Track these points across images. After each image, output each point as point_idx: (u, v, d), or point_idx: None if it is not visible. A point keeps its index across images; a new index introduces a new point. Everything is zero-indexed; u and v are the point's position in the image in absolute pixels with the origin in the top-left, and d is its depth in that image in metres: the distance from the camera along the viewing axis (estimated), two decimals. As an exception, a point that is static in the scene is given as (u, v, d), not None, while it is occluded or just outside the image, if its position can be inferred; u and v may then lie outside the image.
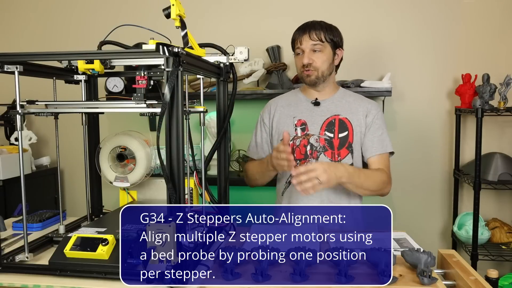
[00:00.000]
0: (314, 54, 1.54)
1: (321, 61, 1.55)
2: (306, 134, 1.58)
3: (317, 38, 1.53)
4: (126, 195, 1.70)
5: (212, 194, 1.47)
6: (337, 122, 1.57)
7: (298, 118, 1.61)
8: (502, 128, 2.40)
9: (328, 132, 1.56)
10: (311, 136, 1.57)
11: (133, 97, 1.18)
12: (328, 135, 1.56)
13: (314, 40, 1.53)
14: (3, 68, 1.15)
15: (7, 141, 2.69)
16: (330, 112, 1.59)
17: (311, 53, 1.54)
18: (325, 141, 1.56)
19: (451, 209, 2.45)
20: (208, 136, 2.41)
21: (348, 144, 1.56)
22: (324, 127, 1.57)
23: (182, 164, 1.06)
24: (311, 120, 1.59)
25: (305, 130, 1.59)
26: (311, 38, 1.53)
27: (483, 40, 2.38)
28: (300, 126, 1.60)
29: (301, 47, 1.55)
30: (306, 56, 1.54)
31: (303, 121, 1.60)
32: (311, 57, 1.54)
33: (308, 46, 1.54)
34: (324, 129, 1.57)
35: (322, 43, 1.54)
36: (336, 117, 1.58)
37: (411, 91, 2.46)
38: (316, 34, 1.53)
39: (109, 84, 2.35)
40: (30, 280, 1.11)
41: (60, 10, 2.76)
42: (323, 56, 1.55)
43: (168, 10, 1.17)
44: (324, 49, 1.55)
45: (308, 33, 1.54)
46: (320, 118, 1.59)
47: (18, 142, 1.18)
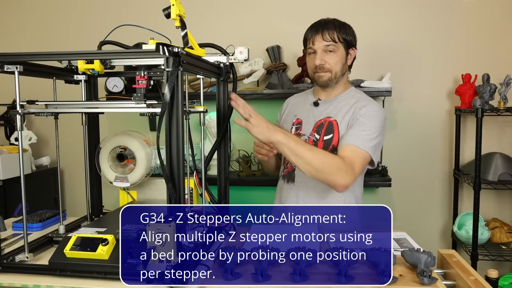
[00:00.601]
0: (326, 54, 1.51)
1: (334, 62, 1.52)
2: (298, 134, 1.58)
3: (330, 38, 1.50)
4: (126, 195, 1.70)
5: (212, 194, 1.46)
6: (326, 124, 1.56)
7: (297, 117, 1.62)
8: (502, 128, 2.40)
9: (317, 134, 1.56)
10: (302, 136, 1.57)
11: (133, 97, 1.18)
12: (315, 137, 1.56)
13: (327, 41, 1.50)
14: (3, 68, 1.15)
15: (7, 141, 2.69)
16: (324, 114, 1.58)
17: (324, 54, 1.51)
18: (312, 143, 1.55)
19: (451, 209, 2.45)
20: (208, 136, 2.41)
21: (332, 147, 1.51)
22: (315, 129, 1.57)
23: (182, 164, 1.06)
24: (307, 120, 1.59)
25: (299, 129, 1.59)
26: (324, 39, 1.50)
27: (483, 40, 2.38)
28: (296, 125, 1.61)
29: (313, 47, 1.52)
30: (319, 57, 1.51)
31: (300, 120, 1.61)
32: (324, 57, 1.51)
33: (321, 46, 1.51)
34: (314, 131, 1.57)
35: (335, 43, 1.51)
36: (327, 119, 1.56)
37: (411, 91, 2.45)
38: (329, 34, 1.50)
39: (109, 84, 2.35)
40: (30, 280, 1.11)
41: (60, 10, 2.76)
42: (336, 56, 1.52)
43: (168, 10, 1.17)
44: (337, 50, 1.52)
45: (321, 33, 1.50)
46: (314, 119, 1.58)
47: (18, 142, 1.18)
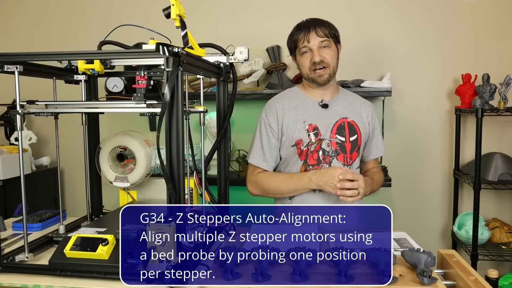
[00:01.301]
0: (323, 50, 1.51)
1: (330, 57, 1.51)
2: (320, 139, 1.53)
3: (323, 34, 1.49)
4: (126, 195, 1.70)
5: (212, 194, 1.47)
6: (346, 125, 1.55)
7: (309, 122, 1.54)
8: (502, 128, 2.40)
9: (339, 136, 1.53)
10: (323, 140, 1.53)
11: (133, 97, 1.18)
12: (339, 139, 1.53)
13: (322, 37, 1.49)
14: (3, 68, 1.15)
15: (7, 141, 2.69)
16: (338, 115, 1.56)
17: (320, 50, 1.50)
18: (336, 145, 1.53)
19: (451, 209, 2.45)
20: (208, 136, 2.41)
21: (357, 147, 1.56)
22: (335, 131, 1.54)
23: (182, 164, 1.06)
24: (322, 124, 1.54)
25: (318, 135, 1.53)
26: (319, 35, 1.49)
27: (483, 40, 2.37)
28: (313, 131, 1.53)
29: (308, 45, 1.50)
30: (317, 53, 1.49)
31: (314, 125, 1.53)
32: (321, 53, 1.50)
33: (316, 43, 1.49)
34: (334, 133, 1.53)
35: (329, 39, 1.51)
36: (345, 120, 1.55)
37: (411, 91, 2.45)
38: (322, 30, 1.49)
39: (109, 84, 2.35)
40: (30, 280, 1.11)
41: (60, 10, 2.76)
42: (332, 51, 1.52)
43: (168, 10, 1.17)
44: (331, 45, 1.52)
45: (314, 30, 1.49)
46: (330, 121, 1.55)
47: (18, 142, 1.18)
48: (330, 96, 1.60)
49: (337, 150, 1.53)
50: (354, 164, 1.56)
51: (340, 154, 1.53)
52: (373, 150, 1.63)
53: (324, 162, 1.52)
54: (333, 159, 1.53)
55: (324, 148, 1.52)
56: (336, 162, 1.53)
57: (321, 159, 1.52)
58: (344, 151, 1.53)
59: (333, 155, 1.53)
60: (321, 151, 1.52)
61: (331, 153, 1.52)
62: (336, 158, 1.53)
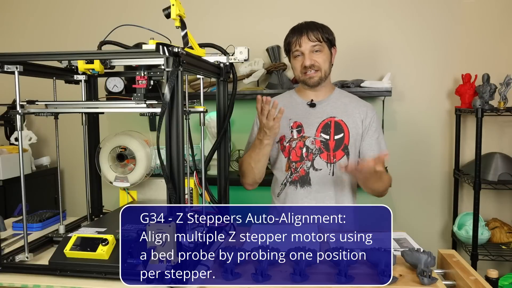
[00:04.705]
0: (314, 54, 1.54)
1: (322, 61, 1.54)
2: (302, 136, 1.58)
3: (315, 38, 1.52)
4: (126, 195, 1.70)
5: (212, 194, 1.47)
6: (332, 124, 1.57)
7: (294, 120, 1.60)
8: (502, 128, 2.40)
9: (324, 134, 1.56)
10: (307, 138, 1.57)
11: (133, 97, 1.18)
12: (323, 137, 1.56)
13: (313, 41, 1.52)
14: (3, 68, 1.15)
15: (7, 141, 2.69)
16: (326, 114, 1.59)
17: (312, 54, 1.54)
18: (320, 143, 1.56)
19: (451, 209, 2.45)
20: (208, 136, 2.41)
21: (343, 146, 1.56)
22: (320, 129, 1.57)
23: (182, 164, 1.06)
24: (307, 122, 1.59)
25: (301, 132, 1.58)
26: (310, 39, 1.52)
27: (483, 40, 2.38)
28: (296, 128, 1.59)
29: (300, 49, 1.54)
30: (308, 57, 1.53)
31: (299, 123, 1.59)
32: (312, 57, 1.53)
33: (308, 47, 1.53)
34: (320, 131, 1.57)
35: (321, 43, 1.54)
36: (332, 119, 1.57)
37: (411, 91, 2.45)
38: (314, 35, 1.52)
39: (109, 84, 2.35)
40: (30, 280, 1.11)
41: (60, 10, 2.76)
42: (323, 55, 1.55)
43: (168, 10, 1.17)
44: (323, 49, 1.55)
45: (306, 35, 1.53)
46: (316, 120, 1.58)
47: (18, 142, 1.18)
48: (322, 97, 1.62)
49: (320, 148, 1.56)
50: (338, 163, 1.55)
51: (324, 152, 1.55)
52: (366, 151, 1.59)
53: (307, 159, 1.56)
54: (316, 157, 1.56)
55: (308, 145, 1.56)
56: (318, 159, 1.56)
57: (304, 156, 1.56)
58: (327, 149, 1.55)
59: (317, 153, 1.56)
60: (304, 148, 1.56)
61: (314, 151, 1.56)
62: (319, 155, 1.56)
